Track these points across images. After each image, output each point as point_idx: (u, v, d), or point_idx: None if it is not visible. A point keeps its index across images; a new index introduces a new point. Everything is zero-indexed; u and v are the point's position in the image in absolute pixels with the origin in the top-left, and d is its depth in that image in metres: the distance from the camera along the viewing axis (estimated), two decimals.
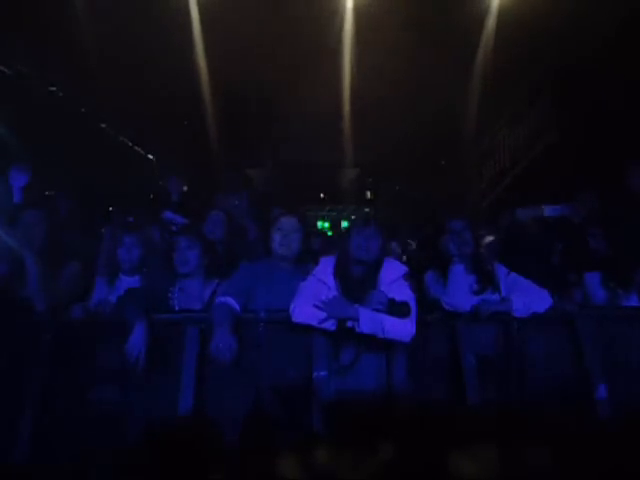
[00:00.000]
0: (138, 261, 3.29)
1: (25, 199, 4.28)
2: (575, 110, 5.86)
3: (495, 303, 2.98)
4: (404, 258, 4.41)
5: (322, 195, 9.13)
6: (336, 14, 5.41)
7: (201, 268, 3.10)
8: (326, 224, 8.65)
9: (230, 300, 2.83)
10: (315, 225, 8.48)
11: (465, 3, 5.34)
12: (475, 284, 3.12)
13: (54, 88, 6.10)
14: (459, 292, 3.10)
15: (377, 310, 2.69)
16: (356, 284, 2.87)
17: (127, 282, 3.23)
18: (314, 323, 2.73)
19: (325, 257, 3.02)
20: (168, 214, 4.45)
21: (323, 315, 2.71)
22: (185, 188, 5.13)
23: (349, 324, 2.70)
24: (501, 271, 3.14)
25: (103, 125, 6.95)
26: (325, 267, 2.93)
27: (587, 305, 3.28)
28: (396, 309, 2.70)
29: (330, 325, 2.72)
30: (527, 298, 2.94)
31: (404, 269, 2.93)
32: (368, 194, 9.23)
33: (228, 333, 2.68)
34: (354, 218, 8.19)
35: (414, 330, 2.71)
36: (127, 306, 2.81)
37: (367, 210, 8.30)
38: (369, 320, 2.66)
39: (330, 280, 2.87)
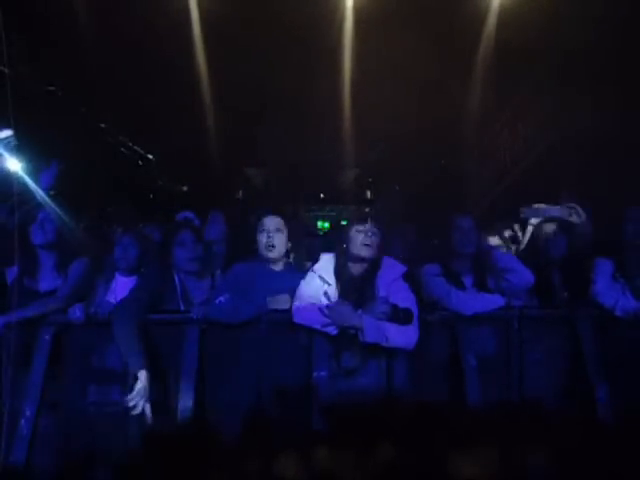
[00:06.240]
0: (135, 261, 3.24)
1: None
2: (576, 110, 5.85)
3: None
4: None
5: (322, 195, 9.10)
6: (336, 14, 5.41)
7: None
8: (326, 224, 8.63)
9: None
10: (315, 225, 8.47)
11: (465, 3, 5.34)
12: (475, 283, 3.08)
13: (54, 88, 6.08)
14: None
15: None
16: (355, 283, 2.86)
17: (123, 282, 3.18)
18: (316, 326, 2.73)
19: (325, 254, 2.99)
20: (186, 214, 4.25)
21: (326, 320, 2.70)
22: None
23: (352, 331, 2.69)
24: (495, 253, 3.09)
25: (103, 125, 6.93)
26: (325, 264, 2.92)
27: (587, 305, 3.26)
28: (399, 316, 2.69)
29: (332, 330, 2.71)
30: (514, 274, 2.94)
31: (403, 268, 2.91)
32: (368, 194, 9.21)
33: None
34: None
35: (417, 337, 2.70)
36: (129, 356, 2.73)
37: (367, 210, 8.29)
38: (373, 330, 2.64)
39: (330, 278, 2.86)
